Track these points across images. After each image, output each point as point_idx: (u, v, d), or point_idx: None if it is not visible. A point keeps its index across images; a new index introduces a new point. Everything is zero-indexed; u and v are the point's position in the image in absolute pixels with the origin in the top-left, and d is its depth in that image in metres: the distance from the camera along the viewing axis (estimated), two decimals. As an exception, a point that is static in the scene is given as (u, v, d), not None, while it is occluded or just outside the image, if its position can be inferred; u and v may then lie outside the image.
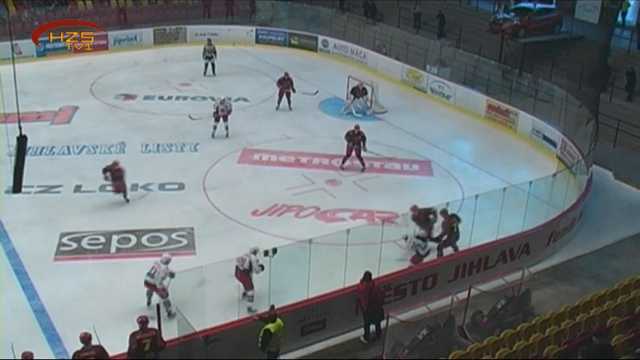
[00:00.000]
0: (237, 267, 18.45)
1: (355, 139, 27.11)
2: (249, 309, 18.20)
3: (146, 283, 18.42)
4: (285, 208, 24.29)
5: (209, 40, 39.61)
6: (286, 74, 33.78)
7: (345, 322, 18.09)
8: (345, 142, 27.29)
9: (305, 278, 17.59)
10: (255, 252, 18.51)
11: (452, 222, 20.91)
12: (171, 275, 17.97)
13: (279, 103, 33.67)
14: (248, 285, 18.53)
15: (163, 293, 18.06)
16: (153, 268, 18.29)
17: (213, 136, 29.80)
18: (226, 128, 29.91)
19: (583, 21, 38.17)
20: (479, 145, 31.06)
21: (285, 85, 33.61)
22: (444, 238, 20.90)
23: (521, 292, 18.41)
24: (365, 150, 27.24)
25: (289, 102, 33.68)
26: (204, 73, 38.62)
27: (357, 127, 27.44)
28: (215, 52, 38.71)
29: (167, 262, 18.30)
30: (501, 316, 18.06)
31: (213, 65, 38.73)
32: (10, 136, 19.54)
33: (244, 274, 18.43)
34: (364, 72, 38.28)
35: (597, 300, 17.24)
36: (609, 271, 21.16)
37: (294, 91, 33.87)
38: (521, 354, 14.72)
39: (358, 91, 33.31)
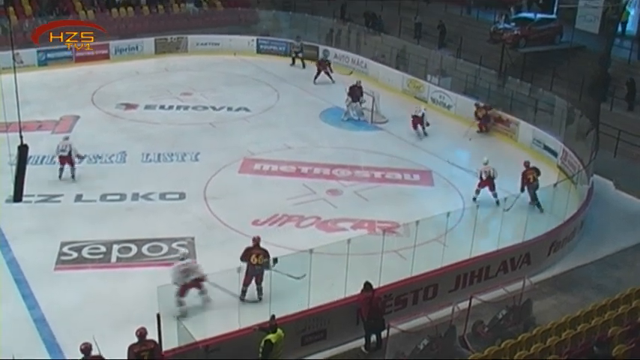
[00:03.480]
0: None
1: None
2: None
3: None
4: (286, 218, 24.28)
5: (298, 36, 43.08)
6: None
7: (345, 332, 18.07)
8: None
9: (306, 288, 17.58)
10: (183, 258, 19.37)
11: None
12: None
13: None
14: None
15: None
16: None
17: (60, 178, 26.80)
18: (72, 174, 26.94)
19: (583, 31, 38.20)
20: (480, 155, 31.00)
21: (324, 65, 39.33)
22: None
23: (522, 302, 18.42)
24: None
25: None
26: (292, 64, 42.84)
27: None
28: (302, 49, 42.45)
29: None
30: (502, 326, 18.04)
31: (301, 59, 42.35)
32: (11, 145, 19.55)
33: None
34: (365, 81, 38.23)
35: (598, 310, 17.22)
36: (610, 281, 21.14)
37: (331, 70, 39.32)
38: (522, 364, 14.72)
39: (355, 91, 33.46)
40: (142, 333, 15.40)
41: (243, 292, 19.04)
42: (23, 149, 18.92)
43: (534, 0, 43.69)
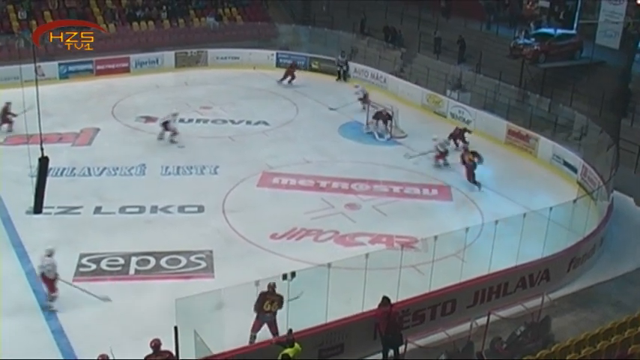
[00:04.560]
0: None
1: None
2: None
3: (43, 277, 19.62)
4: (304, 232, 24.27)
5: (342, 51, 43.30)
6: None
7: (363, 346, 18.01)
8: None
9: (324, 302, 17.54)
10: (50, 254, 19.61)
11: None
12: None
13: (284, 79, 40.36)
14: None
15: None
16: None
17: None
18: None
19: (604, 46, 38.05)
20: (499, 170, 30.93)
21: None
22: None
23: (541, 318, 18.31)
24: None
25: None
26: (338, 79, 43.10)
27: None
28: (347, 63, 43.02)
29: (51, 254, 19.66)
30: (521, 343, 17.92)
31: (345, 72, 42.99)
32: (32, 157, 19.66)
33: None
34: (384, 96, 38.29)
35: (618, 327, 17.06)
36: (630, 298, 20.94)
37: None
38: (540, 381, 14.61)
39: (382, 116, 33.49)
40: (156, 344, 15.47)
41: (253, 337, 17.98)
42: (44, 161, 19.03)
43: (554, 15, 43.63)
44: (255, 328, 18.05)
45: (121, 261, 22.00)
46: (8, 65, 36.79)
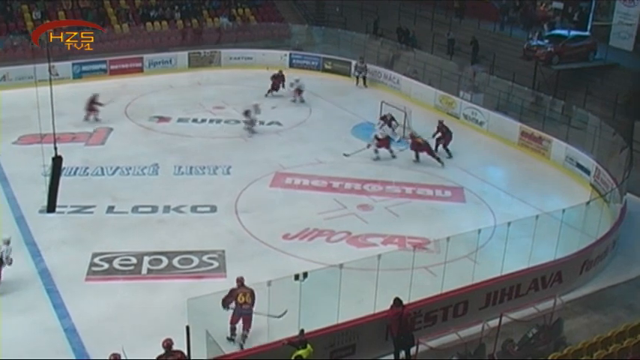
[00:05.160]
0: None
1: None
2: None
3: None
4: (317, 233, 24.29)
5: (361, 57, 42.46)
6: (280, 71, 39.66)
7: (374, 347, 18.02)
8: None
9: (335, 303, 17.56)
10: (8, 242, 20.18)
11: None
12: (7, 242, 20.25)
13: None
14: None
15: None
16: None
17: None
18: None
19: (617, 48, 38.00)
20: (511, 172, 30.90)
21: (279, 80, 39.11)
22: None
23: (553, 321, 18.25)
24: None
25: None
26: (357, 84, 42.28)
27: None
28: (366, 69, 41.96)
29: (8, 242, 20.28)
30: (532, 345, 17.88)
31: (364, 78, 41.99)
32: (45, 156, 19.73)
33: None
34: (397, 97, 38.25)
35: (630, 331, 17.02)
36: (643, 302, 20.93)
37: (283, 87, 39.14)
38: (552, 384, 14.58)
39: (386, 120, 33.51)
40: (168, 344, 15.53)
41: (233, 329, 18.28)
42: (57, 160, 19.10)
43: (568, 17, 43.52)
44: (234, 321, 18.25)
45: (134, 260, 22.07)
46: (23, 65, 37.07)
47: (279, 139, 33.07)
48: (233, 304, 17.99)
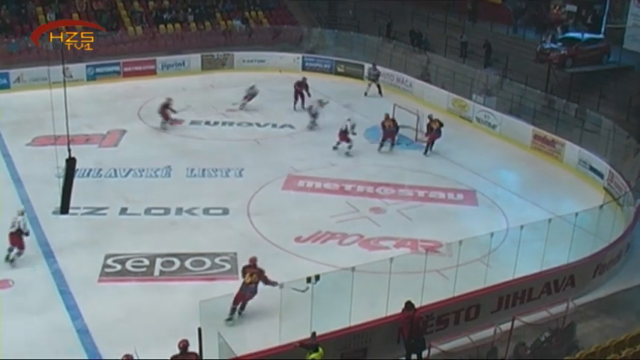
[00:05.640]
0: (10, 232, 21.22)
1: None
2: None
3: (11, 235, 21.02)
4: (329, 236, 24.29)
5: (373, 63, 41.63)
6: (304, 78, 37.90)
7: (386, 351, 17.98)
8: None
9: (347, 306, 17.55)
10: (22, 213, 21.57)
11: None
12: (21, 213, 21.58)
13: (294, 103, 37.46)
14: (20, 246, 21.37)
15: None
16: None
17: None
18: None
19: (631, 51, 37.82)
20: (524, 176, 30.83)
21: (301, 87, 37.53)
22: None
23: (566, 324, 18.18)
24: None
25: (303, 103, 37.10)
26: (367, 93, 41.04)
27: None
28: (379, 75, 41.12)
29: (22, 213, 21.69)
30: (545, 349, 17.82)
31: (378, 86, 40.86)
32: (59, 158, 19.80)
33: (15, 236, 21.25)
34: (410, 100, 38.23)
35: (644, 335, 16.98)
36: (657, 306, 20.84)
37: (309, 95, 37.27)
38: (564, 387, 14.53)
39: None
40: (184, 345, 15.58)
41: (233, 309, 19.07)
42: (71, 162, 19.21)
43: (582, 20, 43.37)
44: (237, 300, 18.99)
45: (146, 262, 22.13)
46: (37, 67, 37.22)
47: (292, 141, 33.10)
48: None
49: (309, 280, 17.13)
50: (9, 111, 35.03)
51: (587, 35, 39.19)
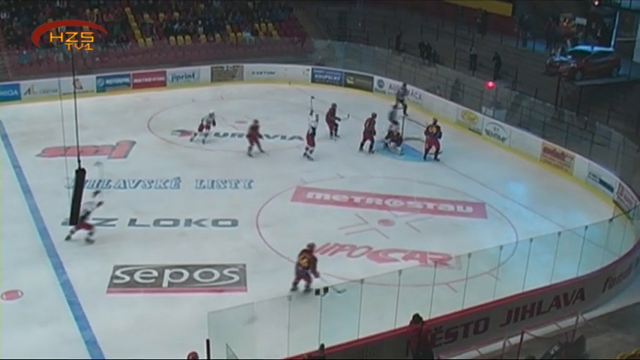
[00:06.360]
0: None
1: None
2: None
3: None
4: (338, 248, 24.27)
5: (404, 84, 40.34)
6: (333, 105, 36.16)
7: (394, 363, 17.95)
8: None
9: (356, 318, 17.52)
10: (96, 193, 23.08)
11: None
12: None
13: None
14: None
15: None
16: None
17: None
18: None
19: (642, 64, 37.83)
20: (534, 188, 30.78)
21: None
22: None
23: (575, 338, 18.10)
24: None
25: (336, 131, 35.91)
26: (406, 114, 38.49)
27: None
28: (405, 94, 39.83)
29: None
30: (554, 363, 17.77)
31: (405, 106, 38.78)
32: (69, 168, 19.85)
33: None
34: (419, 113, 38.23)
35: (654, 349, 16.89)
36: (667, 320, 20.73)
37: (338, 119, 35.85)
38: (574, 402, 14.46)
39: (392, 136, 33.76)
40: (193, 357, 15.60)
41: (294, 283, 21.05)
42: (80, 173, 19.27)
43: (591, 32, 43.36)
44: (296, 279, 21.11)
45: (155, 273, 22.14)
46: (47, 78, 37.42)
47: (301, 153, 33.08)
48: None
49: (317, 292, 17.12)
50: (19, 122, 35.23)
51: (596, 48, 39.21)
